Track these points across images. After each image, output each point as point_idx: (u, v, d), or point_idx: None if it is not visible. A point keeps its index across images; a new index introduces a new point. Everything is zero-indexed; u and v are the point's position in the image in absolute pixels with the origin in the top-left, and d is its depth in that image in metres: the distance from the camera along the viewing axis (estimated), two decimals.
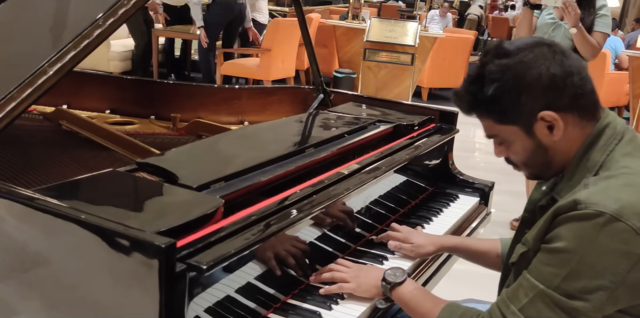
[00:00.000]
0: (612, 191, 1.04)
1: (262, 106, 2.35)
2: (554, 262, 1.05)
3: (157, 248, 0.94)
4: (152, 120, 2.23)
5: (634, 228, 1.00)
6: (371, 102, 2.28)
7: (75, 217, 1.04)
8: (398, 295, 1.31)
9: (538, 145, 1.15)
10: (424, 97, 7.50)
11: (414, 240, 1.58)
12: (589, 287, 1.02)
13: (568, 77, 1.10)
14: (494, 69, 1.11)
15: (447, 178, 2.19)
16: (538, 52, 1.11)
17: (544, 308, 1.05)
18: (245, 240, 1.12)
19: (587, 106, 1.13)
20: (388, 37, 6.27)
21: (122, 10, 1.29)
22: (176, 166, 1.36)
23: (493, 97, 1.11)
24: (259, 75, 6.16)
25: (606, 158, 1.11)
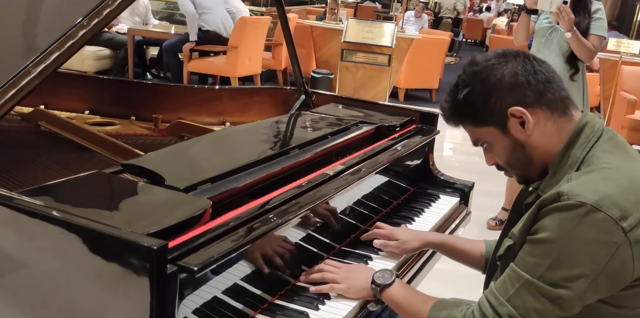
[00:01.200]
0: (592, 184, 1.09)
1: (243, 107, 2.35)
2: (537, 252, 1.10)
3: (149, 250, 0.94)
4: (133, 121, 2.21)
5: (613, 217, 1.05)
6: (353, 103, 2.30)
7: (62, 219, 1.04)
8: (388, 297, 1.33)
9: (515, 142, 1.22)
10: (401, 98, 7.55)
11: (399, 236, 1.60)
12: (570, 275, 1.07)
13: (531, 75, 1.18)
14: (464, 77, 1.23)
15: (428, 178, 2.22)
16: (502, 58, 1.21)
17: (529, 297, 1.10)
18: (235, 241, 1.12)
19: (555, 101, 1.19)
20: (365, 38, 6.31)
21: (106, 11, 1.28)
22: (162, 167, 1.36)
23: (465, 102, 1.22)
24: (226, 72, 6.19)
25: (586, 154, 1.16)
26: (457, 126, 1.28)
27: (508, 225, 1.40)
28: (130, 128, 2.12)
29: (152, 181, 1.32)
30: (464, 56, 12.99)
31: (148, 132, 2.08)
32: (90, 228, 1.01)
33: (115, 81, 2.35)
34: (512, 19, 13.77)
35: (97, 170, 1.35)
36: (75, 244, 1.02)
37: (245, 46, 6.08)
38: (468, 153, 5.73)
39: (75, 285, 1.04)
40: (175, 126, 2.07)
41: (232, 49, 6.02)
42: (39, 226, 1.06)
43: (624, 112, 5.69)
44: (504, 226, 1.42)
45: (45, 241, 1.07)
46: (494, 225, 3.68)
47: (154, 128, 2.11)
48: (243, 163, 1.46)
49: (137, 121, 2.21)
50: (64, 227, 1.04)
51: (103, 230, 1.00)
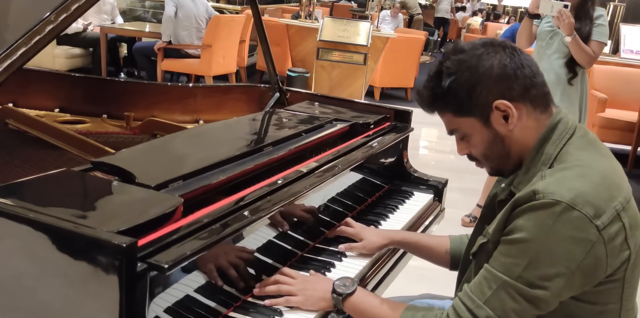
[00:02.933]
0: (567, 182, 1.09)
1: (217, 105, 2.33)
2: (514, 252, 1.09)
3: (118, 248, 0.92)
4: (105, 119, 2.18)
5: (587, 216, 1.05)
6: (327, 101, 2.30)
7: (30, 218, 1.01)
8: (351, 306, 1.27)
9: (495, 135, 1.20)
10: (377, 97, 7.57)
11: (365, 236, 1.59)
12: (547, 274, 1.06)
13: (518, 69, 1.16)
14: (449, 64, 1.18)
15: (402, 175, 2.22)
16: (490, 47, 1.18)
17: (507, 298, 1.08)
18: (206, 238, 1.11)
19: (538, 97, 1.19)
20: (341, 37, 6.31)
21: (75, 6, 1.26)
22: (133, 165, 1.34)
23: (450, 90, 1.17)
24: (200, 71, 6.16)
25: (560, 151, 1.16)
26: (433, 114, 1.25)
27: (481, 222, 1.41)
28: (101, 126, 2.09)
29: (122, 179, 1.30)
30: (438, 55, 13.10)
31: (120, 130, 2.06)
32: (58, 227, 0.99)
33: (86, 79, 2.31)
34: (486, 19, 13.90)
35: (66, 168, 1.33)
36: (44, 243, 1.00)
37: (219, 45, 6.06)
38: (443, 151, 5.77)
39: (45, 285, 1.02)
40: (147, 124, 2.04)
41: (207, 47, 5.98)
42: (5, 225, 1.04)
43: (595, 111, 5.77)
44: (477, 222, 1.42)
45: (12, 241, 1.05)
46: (468, 221, 3.71)
47: (125, 125, 2.08)
48: (216, 161, 1.45)
49: (108, 119, 2.18)
50: (31, 226, 1.02)
51: (71, 228, 0.98)
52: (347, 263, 1.58)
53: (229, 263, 1.28)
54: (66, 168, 1.30)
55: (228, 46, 6.22)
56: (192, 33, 6.05)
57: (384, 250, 1.67)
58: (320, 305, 1.30)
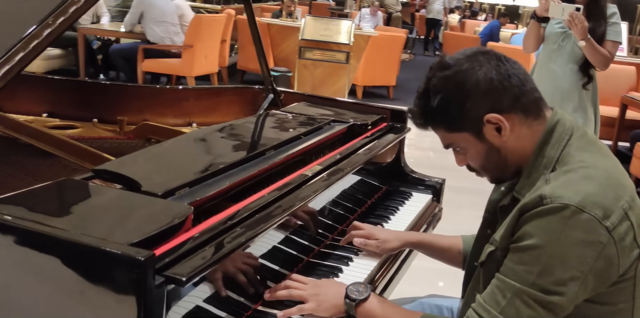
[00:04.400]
0: (573, 185, 1.08)
1: (210, 107, 2.29)
2: (526, 260, 1.07)
3: (136, 262, 0.89)
4: (96, 123, 2.12)
5: (596, 217, 1.04)
6: (322, 102, 2.27)
7: (36, 231, 0.97)
8: (364, 312, 1.25)
9: (490, 147, 1.19)
10: (359, 95, 7.57)
11: (379, 236, 1.57)
12: (561, 279, 1.04)
13: (505, 80, 1.14)
14: (436, 82, 1.17)
15: (400, 176, 2.21)
16: (474, 60, 1.16)
17: (522, 306, 1.06)
18: (221, 248, 1.08)
19: (529, 105, 1.17)
20: (323, 36, 6.29)
21: (72, 9, 1.21)
22: (136, 172, 1.30)
23: (439, 108, 1.17)
24: (182, 71, 6.10)
25: (561, 153, 1.15)
26: (427, 130, 1.24)
27: (483, 227, 1.39)
28: (93, 131, 2.03)
29: (126, 188, 1.26)
30: (417, 52, 13.15)
31: (113, 135, 2.00)
32: (67, 240, 0.95)
33: (75, 82, 2.25)
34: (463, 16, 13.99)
35: (66, 177, 1.28)
36: (52, 258, 0.96)
37: (201, 45, 5.99)
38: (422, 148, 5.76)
39: (56, 302, 0.97)
40: (141, 128, 2.00)
41: (188, 48, 5.92)
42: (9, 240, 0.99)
43: None
44: (480, 228, 1.40)
45: (17, 256, 1.00)
46: None
47: (119, 130, 2.03)
48: (220, 166, 1.41)
49: (100, 124, 2.13)
50: (37, 239, 0.97)
51: (82, 241, 0.94)
52: (355, 267, 1.56)
53: (236, 272, 1.24)
54: (67, 177, 1.25)
55: (209, 46, 6.16)
56: (167, 28, 5.98)
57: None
58: (333, 311, 1.27)
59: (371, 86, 7.90)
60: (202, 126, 2.26)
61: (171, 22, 6.02)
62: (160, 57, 6.04)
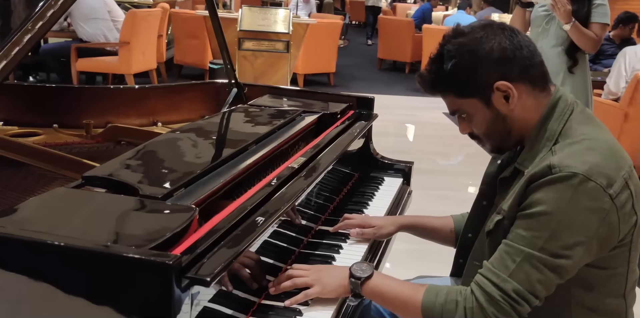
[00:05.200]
0: (579, 155, 1.14)
1: (173, 105, 2.25)
2: (534, 226, 1.13)
3: (165, 266, 0.88)
4: (57, 129, 2.05)
5: (601, 186, 1.11)
6: (288, 93, 2.28)
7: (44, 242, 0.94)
8: (370, 289, 1.28)
9: (497, 115, 1.24)
10: (300, 84, 7.58)
11: (374, 223, 1.61)
12: (568, 243, 1.11)
13: (517, 50, 1.20)
14: (450, 48, 1.21)
15: (369, 162, 2.25)
16: (489, 30, 1.21)
17: (531, 270, 1.12)
18: (235, 246, 1.08)
19: (537, 76, 1.23)
20: (261, 26, 6.24)
21: (50, 12, 1.17)
22: (129, 177, 1.28)
23: (452, 73, 1.21)
24: (120, 69, 5.93)
25: (563, 126, 1.21)
26: (435, 95, 1.28)
27: (480, 199, 1.45)
28: (57, 137, 1.96)
29: (120, 193, 1.23)
30: (352, 38, 13.24)
31: (80, 139, 1.94)
32: (88, 250, 0.93)
33: (29, 87, 2.17)
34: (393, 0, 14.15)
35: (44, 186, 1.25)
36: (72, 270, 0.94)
37: (137, 41, 5.83)
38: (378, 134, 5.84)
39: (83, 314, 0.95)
40: (110, 130, 1.95)
41: (124, 44, 5.75)
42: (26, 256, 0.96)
43: None
44: (476, 200, 1.46)
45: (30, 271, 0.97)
46: None
47: (85, 134, 1.97)
48: (209, 165, 1.40)
49: (62, 129, 2.06)
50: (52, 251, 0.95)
51: (105, 250, 0.92)
52: (347, 253, 1.59)
53: (239, 268, 1.25)
54: (61, 187, 1.22)
55: (147, 42, 6.01)
56: (99, 25, 5.78)
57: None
58: (338, 291, 1.30)
59: (311, 73, 7.92)
60: (167, 124, 2.22)
61: (102, 18, 5.81)
62: (95, 56, 5.85)
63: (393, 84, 8.42)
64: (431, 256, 2.83)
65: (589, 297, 1.21)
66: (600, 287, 1.21)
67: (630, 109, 4.27)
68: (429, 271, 1.86)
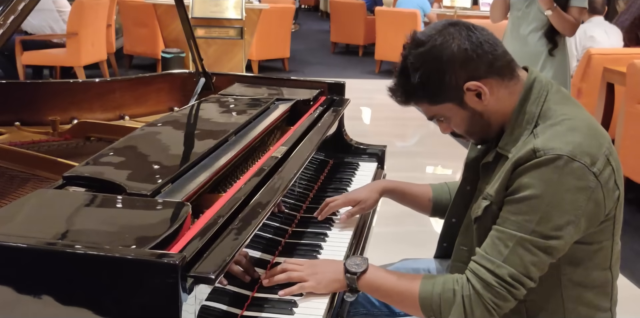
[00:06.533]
0: (561, 136, 1.16)
1: (140, 97, 2.19)
2: (524, 209, 1.15)
3: (172, 267, 0.85)
4: (20, 127, 1.97)
5: (585, 165, 1.13)
6: (257, 81, 2.24)
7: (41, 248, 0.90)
8: (366, 283, 1.28)
9: (473, 113, 1.25)
10: (255, 70, 7.49)
11: (357, 198, 1.62)
12: (559, 224, 1.13)
13: (478, 48, 1.21)
14: (413, 60, 1.22)
15: (343, 147, 2.24)
16: (446, 34, 1.21)
17: (524, 253, 1.14)
18: (235, 240, 1.06)
19: (503, 68, 1.24)
20: (214, 12, 6.12)
21: (21, 6, 1.11)
22: (112, 174, 1.23)
23: (420, 84, 1.22)
24: (69, 61, 5.73)
25: (541, 108, 1.23)
26: (409, 105, 1.29)
27: (463, 184, 1.46)
28: (22, 136, 1.88)
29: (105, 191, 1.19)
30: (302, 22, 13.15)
31: (47, 137, 1.87)
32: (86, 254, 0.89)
33: None
34: None
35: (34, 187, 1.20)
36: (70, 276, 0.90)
37: (86, 31, 5.64)
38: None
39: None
40: (78, 126, 1.88)
41: (72, 36, 5.55)
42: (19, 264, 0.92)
43: None
44: (460, 185, 1.47)
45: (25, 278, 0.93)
46: None
47: (52, 132, 1.90)
48: (192, 158, 1.37)
49: (25, 127, 1.97)
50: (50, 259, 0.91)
51: (103, 253, 0.89)
52: (333, 241, 1.58)
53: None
54: (41, 189, 1.17)
55: (96, 32, 5.81)
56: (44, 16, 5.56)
57: (356, 219, 1.68)
58: (333, 287, 1.29)
59: (265, 59, 7.84)
60: (135, 118, 2.16)
61: (47, 9, 5.59)
62: (42, 48, 5.62)
63: (347, 68, 8.42)
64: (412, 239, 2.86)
65: (578, 272, 1.24)
66: (588, 262, 1.24)
67: (582, 84, 4.39)
68: (410, 254, 1.88)
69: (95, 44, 5.84)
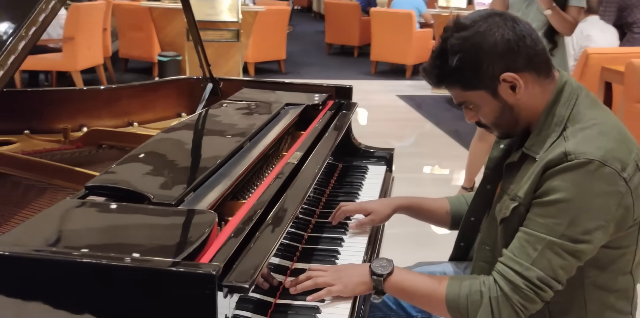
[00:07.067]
0: (592, 141, 1.17)
1: (147, 104, 2.19)
2: (554, 213, 1.15)
3: (209, 277, 0.86)
4: (30, 135, 1.96)
5: (616, 170, 1.14)
6: (264, 86, 2.25)
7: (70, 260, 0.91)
8: (392, 285, 1.29)
9: (504, 105, 1.25)
10: (251, 73, 7.50)
11: (370, 208, 1.61)
12: (588, 228, 1.14)
13: (520, 40, 1.21)
14: (454, 42, 1.21)
15: (351, 150, 2.25)
16: (491, 22, 1.21)
17: (553, 256, 1.15)
18: (264, 247, 1.07)
19: (541, 65, 1.25)
20: (210, 15, 6.11)
21: (41, 17, 1.11)
22: (135, 184, 1.24)
23: (457, 68, 1.21)
24: (65, 66, 5.71)
25: (571, 111, 1.23)
26: (440, 88, 1.29)
27: (484, 182, 1.46)
28: (33, 144, 1.87)
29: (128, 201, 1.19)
30: (296, 24, 13.14)
31: (58, 145, 1.86)
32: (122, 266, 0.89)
33: None
34: None
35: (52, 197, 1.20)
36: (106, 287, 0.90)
37: (82, 36, 5.63)
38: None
39: None
40: (90, 134, 1.87)
41: (69, 40, 5.53)
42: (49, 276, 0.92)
43: None
44: (480, 184, 1.48)
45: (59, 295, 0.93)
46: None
47: (64, 139, 1.89)
48: (211, 166, 1.37)
49: (35, 135, 1.96)
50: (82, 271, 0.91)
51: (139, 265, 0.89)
52: (349, 245, 1.58)
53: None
54: (66, 199, 1.17)
55: (92, 37, 5.79)
56: None
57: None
58: (360, 289, 1.30)
59: (262, 61, 7.83)
60: (143, 124, 2.16)
61: None
62: (38, 53, 5.60)
63: (343, 68, 8.43)
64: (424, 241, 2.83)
65: (601, 276, 1.25)
66: (611, 265, 1.25)
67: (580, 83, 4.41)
68: (424, 258, 1.88)
69: (91, 48, 5.83)
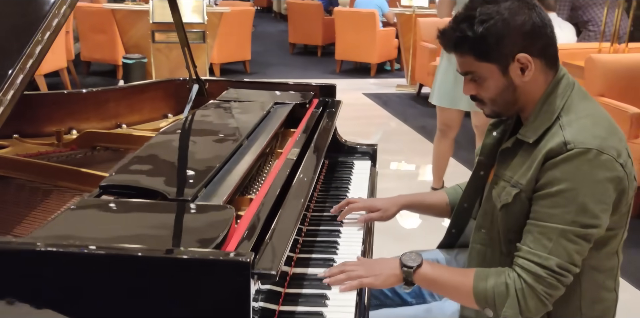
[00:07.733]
0: (589, 130, 1.25)
1: (135, 106, 2.21)
2: (561, 202, 1.23)
3: (243, 265, 0.91)
4: (20, 138, 1.96)
5: (613, 157, 1.23)
6: (250, 86, 2.30)
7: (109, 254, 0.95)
8: (421, 277, 1.34)
9: (509, 84, 1.31)
10: (217, 74, 7.49)
11: (378, 206, 1.68)
12: (595, 213, 1.23)
13: (544, 28, 1.29)
14: (484, 11, 1.26)
15: (336, 147, 2.31)
16: (522, 3, 1.28)
17: (568, 243, 1.23)
18: (282, 236, 1.12)
19: (552, 56, 1.33)
20: None
21: (55, 22, 1.14)
22: (149, 182, 1.28)
23: (481, 36, 1.26)
24: None
25: (565, 102, 1.31)
26: (451, 52, 1.32)
27: (477, 169, 1.53)
28: (26, 148, 1.88)
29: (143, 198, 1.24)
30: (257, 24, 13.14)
31: (53, 148, 1.87)
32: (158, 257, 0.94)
33: None
34: None
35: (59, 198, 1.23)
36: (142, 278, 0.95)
37: None
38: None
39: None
40: (84, 137, 1.89)
41: None
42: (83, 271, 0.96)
43: (428, 60, 6.30)
44: (474, 171, 1.55)
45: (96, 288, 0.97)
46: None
47: (57, 142, 1.90)
48: (218, 163, 1.42)
49: (24, 138, 1.97)
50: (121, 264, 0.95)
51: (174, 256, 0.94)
52: (347, 237, 1.64)
53: None
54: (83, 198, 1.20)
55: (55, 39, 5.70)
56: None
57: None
58: (391, 281, 1.36)
59: (227, 62, 7.84)
60: (132, 126, 2.18)
61: None
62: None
63: (308, 68, 8.50)
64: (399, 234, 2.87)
65: (595, 257, 1.33)
66: (604, 247, 1.34)
67: None
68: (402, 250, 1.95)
69: (55, 52, 5.75)
